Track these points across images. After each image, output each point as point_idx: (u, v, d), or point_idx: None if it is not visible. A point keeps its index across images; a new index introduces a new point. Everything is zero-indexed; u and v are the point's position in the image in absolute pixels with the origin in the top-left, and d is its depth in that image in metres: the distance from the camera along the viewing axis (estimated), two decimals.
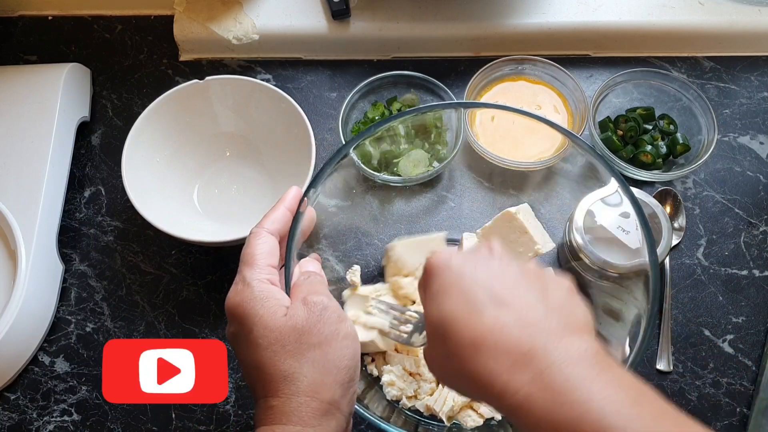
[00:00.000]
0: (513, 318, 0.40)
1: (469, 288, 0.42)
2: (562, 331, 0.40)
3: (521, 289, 0.43)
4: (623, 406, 0.36)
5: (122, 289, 0.72)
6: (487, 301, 0.41)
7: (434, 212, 0.73)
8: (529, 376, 0.38)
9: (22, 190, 0.70)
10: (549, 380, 0.38)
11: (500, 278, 0.43)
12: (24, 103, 0.74)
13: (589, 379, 0.37)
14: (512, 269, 0.44)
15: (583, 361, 0.38)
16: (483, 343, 0.40)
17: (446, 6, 0.82)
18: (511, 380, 0.38)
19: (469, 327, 0.41)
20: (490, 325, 0.40)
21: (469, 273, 0.43)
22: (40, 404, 0.66)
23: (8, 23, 0.87)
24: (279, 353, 0.44)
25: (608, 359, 0.40)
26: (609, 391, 0.37)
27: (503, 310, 0.41)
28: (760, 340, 0.69)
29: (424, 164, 0.73)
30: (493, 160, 0.71)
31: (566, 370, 0.38)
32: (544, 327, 0.40)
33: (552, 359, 0.38)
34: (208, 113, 0.75)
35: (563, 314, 0.42)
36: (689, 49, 0.84)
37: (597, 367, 0.38)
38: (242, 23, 0.82)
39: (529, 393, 0.38)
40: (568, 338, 0.40)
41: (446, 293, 0.43)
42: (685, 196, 0.75)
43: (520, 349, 0.39)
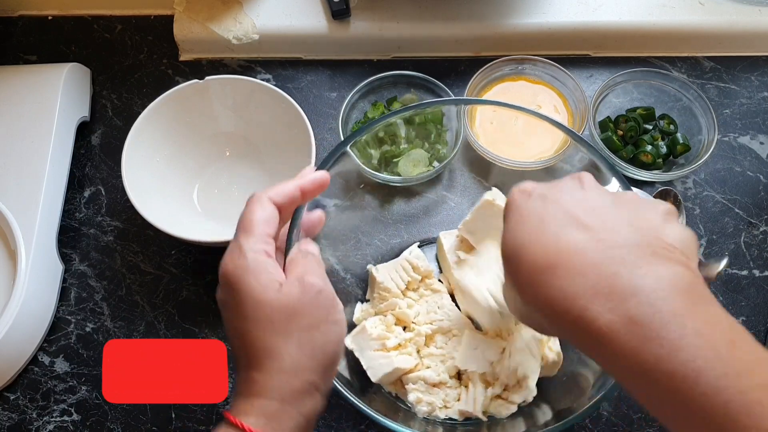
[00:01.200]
0: (595, 240, 0.37)
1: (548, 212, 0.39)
2: (652, 255, 0.36)
3: (608, 212, 0.39)
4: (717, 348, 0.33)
5: (122, 289, 0.72)
6: (566, 223, 0.38)
7: (434, 212, 0.73)
8: (611, 303, 0.34)
9: (22, 190, 0.70)
10: (634, 311, 0.34)
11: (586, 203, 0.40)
12: (24, 103, 0.74)
13: (681, 315, 0.34)
14: (602, 194, 0.41)
15: (675, 293, 0.34)
16: (559, 265, 0.36)
17: (446, 6, 0.82)
18: (590, 305, 0.35)
19: (545, 249, 0.37)
20: (568, 245, 0.37)
21: (552, 198, 0.40)
22: (39, 404, 0.66)
23: (8, 23, 0.87)
24: (267, 329, 0.43)
25: (703, 292, 0.36)
26: (702, 329, 0.33)
27: (583, 231, 0.37)
28: (760, 340, 0.69)
29: (424, 164, 0.73)
30: (493, 160, 0.71)
31: (655, 302, 0.34)
32: (631, 251, 0.36)
33: (639, 287, 0.35)
34: (208, 113, 0.75)
35: (656, 239, 0.37)
36: (689, 49, 0.84)
37: (690, 300, 0.35)
38: (242, 23, 0.82)
39: (610, 322, 0.34)
40: (660, 264, 0.36)
41: (525, 220, 0.40)
42: (685, 196, 0.75)
43: (600, 272, 0.35)
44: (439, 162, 0.73)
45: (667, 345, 0.33)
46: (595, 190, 0.41)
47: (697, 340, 0.33)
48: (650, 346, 0.33)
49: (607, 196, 0.41)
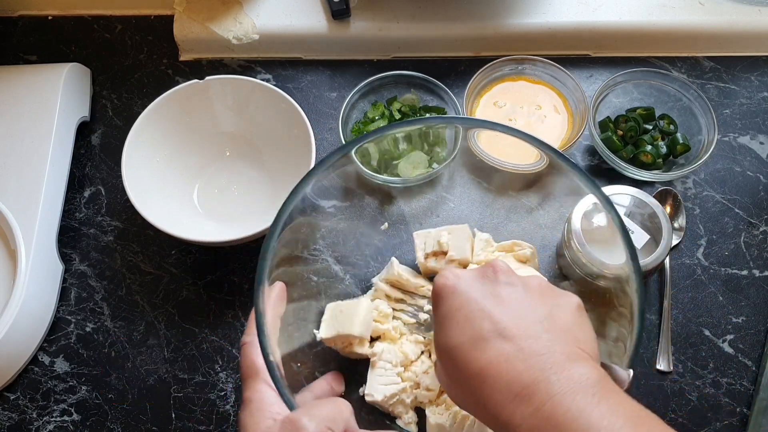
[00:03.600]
0: (516, 350, 0.42)
1: (475, 316, 0.44)
2: (565, 360, 0.41)
3: (526, 318, 0.44)
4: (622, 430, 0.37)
5: (122, 289, 0.72)
6: (491, 333, 0.43)
7: (434, 213, 0.72)
8: (531, 408, 0.39)
9: (22, 190, 0.70)
10: (550, 412, 0.39)
11: (505, 306, 0.44)
12: (24, 103, 0.74)
13: (588, 409, 0.38)
14: (517, 293, 0.45)
15: (583, 391, 0.39)
16: (488, 375, 0.41)
17: (446, 6, 0.82)
18: (515, 412, 0.40)
19: (475, 358, 0.42)
20: (495, 357, 0.42)
21: (475, 299, 0.45)
22: (39, 404, 0.66)
23: (8, 23, 0.87)
24: None
25: (609, 386, 0.41)
26: (609, 419, 0.38)
27: (507, 342, 0.42)
28: (760, 340, 0.69)
29: (423, 165, 0.73)
30: (492, 162, 0.70)
31: (567, 401, 0.39)
32: (547, 358, 0.41)
33: (553, 391, 0.39)
34: (208, 113, 0.75)
35: (568, 340, 0.43)
36: (689, 49, 0.84)
37: (597, 395, 0.39)
38: (242, 23, 0.82)
39: (532, 426, 0.39)
40: (570, 368, 0.41)
41: (453, 320, 0.45)
42: (685, 196, 0.75)
43: (522, 382, 0.40)
44: (438, 164, 0.73)
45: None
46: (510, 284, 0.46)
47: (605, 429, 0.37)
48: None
49: (520, 291, 0.45)
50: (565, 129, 0.77)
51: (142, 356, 0.69)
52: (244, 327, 0.69)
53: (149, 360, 0.68)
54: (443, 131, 0.75)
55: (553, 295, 0.46)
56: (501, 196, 0.72)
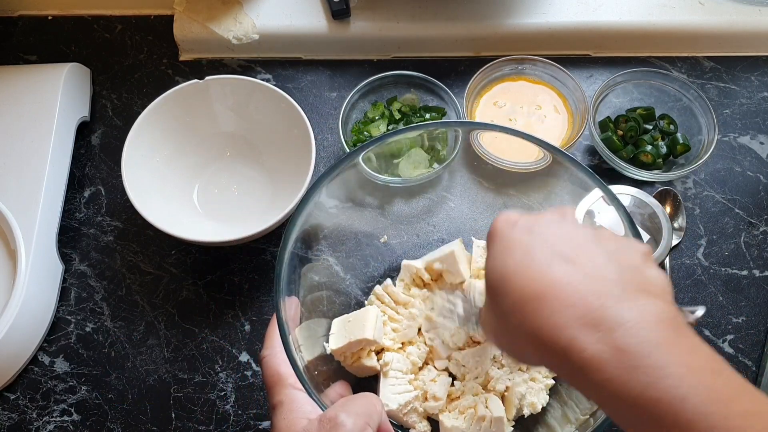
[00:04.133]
0: (581, 273, 0.38)
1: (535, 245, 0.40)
2: (636, 290, 0.38)
3: (591, 249, 0.40)
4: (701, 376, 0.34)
5: (122, 289, 0.72)
6: (553, 256, 0.39)
7: (434, 213, 0.73)
8: (598, 334, 0.35)
9: (22, 190, 0.70)
10: (621, 341, 0.35)
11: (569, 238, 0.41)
12: (24, 103, 0.74)
13: (665, 345, 0.35)
14: (584, 231, 0.42)
15: (659, 325, 0.36)
16: (547, 296, 0.37)
17: (446, 6, 0.82)
18: (577, 337, 0.36)
19: (533, 279, 0.38)
20: (556, 277, 0.38)
21: (538, 231, 0.41)
22: (39, 404, 0.66)
23: (8, 23, 0.87)
24: None
25: (686, 326, 0.37)
26: (686, 359, 0.35)
27: (570, 265, 0.39)
28: (760, 340, 0.69)
29: (424, 165, 0.73)
30: (494, 161, 0.70)
31: (641, 333, 0.35)
32: (616, 284, 0.37)
33: (625, 319, 0.36)
34: (208, 113, 0.75)
35: (638, 275, 0.39)
36: (689, 49, 0.84)
37: (673, 332, 0.36)
38: (242, 23, 0.82)
39: (598, 352, 0.35)
40: (644, 299, 0.37)
41: (510, 249, 0.40)
42: (685, 196, 0.75)
43: (589, 305, 0.36)
44: (439, 163, 0.73)
45: (652, 373, 0.34)
46: (578, 225, 0.43)
47: (680, 369, 0.34)
48: (636, 374, 0.34)
49: (589, 232, 0.42)
50: (565, 129, 0.77)
51: (142, 356, 0.69)
52: (244, 327, 0.69)
53: (149, 360, 0.68)
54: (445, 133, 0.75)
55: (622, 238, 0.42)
56: (502, 196, 0.72)
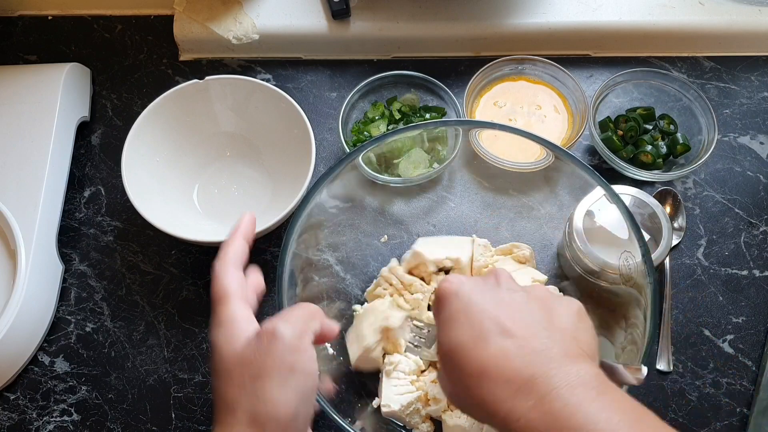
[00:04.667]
0: (516, 347, 0.42)
1: (476, 317, 0.44)
2: (563, 357, 0.42)
3: (526, 318, 0.44)
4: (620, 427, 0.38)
5: (122, 289, 0.72)
6: (492, 331, 0.43)
7: (434, 213, 0.73)
8: (530, 402, 0.40)
9: (22, 190, 0.70)
10: (549, 406, 0.39)
11: (507, 308, 0.45)
12: (24, 103, 0.74)
13: (587, 403, 0.39)
14: (518, 297, 0.46)
15: (582, 386, 0.40)
16: (488, 372, 0.42)
17: (446, 6, 0.82)
18: (514, 407, 0.40)
19: (476, 356, 0.43)
20: (495, 354, 0.42)
21: (477, 302, 0.45)
22: (39, 404, 0.66)
23: (8, 23, 0.87)
24: (226, 383, 0.45)
25: (607, 382, 0.41)
26: (606, 414, 0.38)
27: (507, 339, 0.43)
28: (760, 340, 0.69)
29: (424, 165, 0.73)
30: (493, 161, 0.71)
31: (565, 395, 0.39)
32: (546, 355, 0.42)
33: (552, 385, 0.40)
34: (208, 113, 0.75)
35: (566, 339, 0.44)
36: (689, 49, 0.84)
37: (595, 390, 0.40)
38: (242, 23, 0.82)
39: (531, 419, 0.39)
40: (569, 364, 0.41)
41: (455, 321, 0.45)
42: (685, 196, 0.75)
43: (522, 377, 0.41)
44: (439, 163, 0.73)
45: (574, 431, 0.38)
46: (512, 289, 0.47)
47: (600, 424, 0.38)
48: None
49: (522, 297, 0.46)
50: (565, 129, 0.77)
51: (142, 356, 0.69)
52: None
53: (149, 360, 0.68)
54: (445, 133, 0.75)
55: (554, 301, 0.47)
56: (502, 196, 0.72)
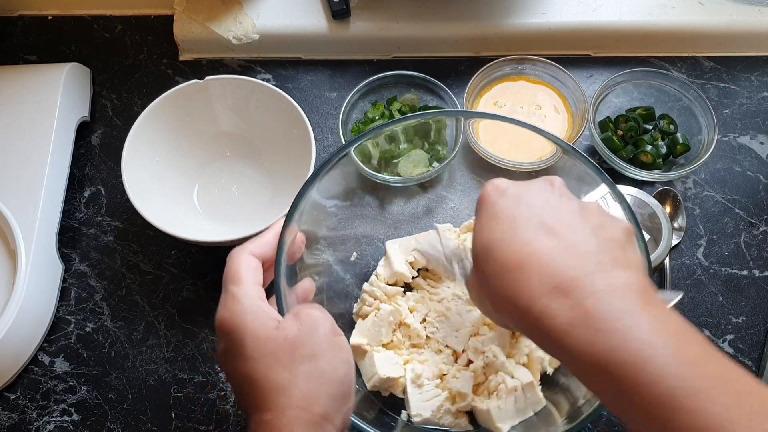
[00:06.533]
0: (561, 246, 0.40)
1: (521, 215, 0.41)
2: (612, 264, 0.39)
3: (576, 222, 0.42)
4: (666, 340, 0.35)
5: (122, 289, 0.72)
6: (537, 228, 0.41)
7: (434, 212, 0.72)
8: (571, 301, 0.37)
9: (22, 190, 0.70)
10: (591, 307, 0.37)
11: (555, 209, 0.42)
12: (24, 103, 0.74)
13: (633, 311, 0.36)
14: (570, 203, 0.43)
15: (628, 293, 0.37)
16: (526, 266, 0.39)
17: (446, 6, 0.82)
18: (551, 303, 0.38)
19: (515, 248, 0.40)
20: (537, 248, 0.40)
21: (526, 201, 0.42)
22: (39, 404, 0.66)
23: (8, 23, 0.87)
24: (272, 365, 0.43)
25: (655, 296, 0.38)
26: (653, 323, 0.36)
27: (552, 238, 0.40)
28: (760, 340, 0.69)
29: (424, 164, 0.73)
30: (494, 160, 0.71)
31: (610, 299, 0.37)
32: (593, 257, 0.39)
33: (597, 287, 0.37)
34: (208, 113, 0.75)
35: (616, 249, 0.40)
36: (689, 49, 0.84)
37: (642, 300, 0.37)
38: (242, 23, 0.82)
39: (570, 318, 0.37)
40: (618, 271, 0.39)
41: (498, 218, 0.42)
42: (685, 196, 0.75)
43: (564, 275, 0.38)
44: (438, 162, 0.73)
45: (619, 336, 0.35)
46: (565, 196, 0.44)
47: (647, 333, 0.35)
48: (604, 337, 0.36)
49: (575, 204, 0.43)
50: (565, 129, 0.77)
51: (142, 356, 0.69)
52: None
53: (149, 360, 0.68)
54: (444, 130, 0.75)
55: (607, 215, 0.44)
56: None
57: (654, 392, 0.34)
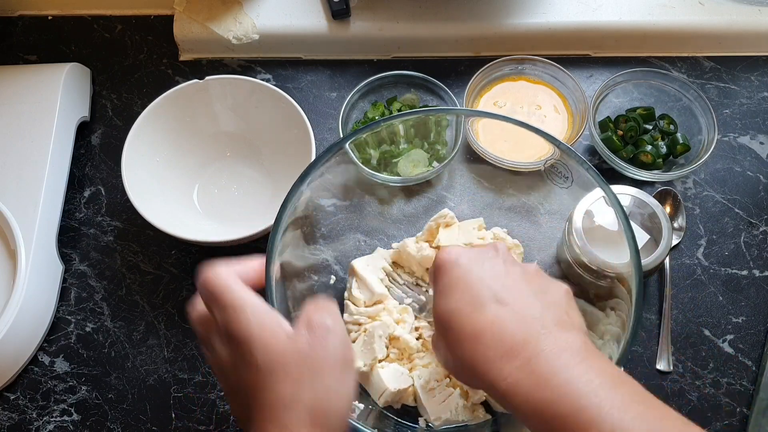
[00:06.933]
0: (511, 313, 0.45)
1: (474, 285, 0.46)
2: (555, 326, 0.44)
3: (522, 289, 0.47)
4: (600, 389, 0.40)
5: (122, 289, 0.72)
6: (489, 298, 0.45)
7: (434, 212, 0.72)
8: (518, 363, 0.42)
9: (22, 190, 0.70)
10: (535, 367, 0.42)
11: (503, 278, 0.47)
12: (24, 103, 0.74)
13: (571, 366, 0.41)
14: (515, 270, 0.48)
15: (568, 351, 0.42)
16: (482, 335, 0.44)
17: (446, 6, 0.82)
18: (503, 367, 0.42)
19: (471, 320, 0.45)
20: (490, 319, 0.44)
21: (476, 271, 0.47)
22: (39, 404, 0.66)
23: (8, 23, 0.87)
24: (281, 378, 0.41)
25: (593, 351, 0.43)
26: (588, 376, 0.41)
27: (503, 307, 0.45)
28: (760, 340, 0.69)
29: (423, 164, 0.73)
30: (493, 160, 0.71)
31: (551, 358, 0.42)
32: (538, 322, 0.44)
33: (540, 348, 0.42)
34: (208, 113, 0.75)
35: (558, 312, 0.46)
36: (689, 49, 0.84)
37: (580, 356, 0.42)
38: (242, 23, 0.82)
39: (517, 378, 0.42)
40: (559, 332, 0.44)
41: (453, 288, 0.46)
42: (685, 196, 0.75)
43: (514, 340, 0.43)
44: (438, 162, 0.73)
45: (557, 389, 0.40)
46: (509, 262, 0.49)
47: (581, 384, 0.40)
48: (545, 392, 0.41)
49: (518, 270, 0.48)
50: (565, 129, 0.77)
51: (142, 356, 0.69)
52: None
53: (149, 360, 0.68)
54: (443, 130, 0.75)
55: (546, 278, 0.50)
56: (501, 195, 0.72)
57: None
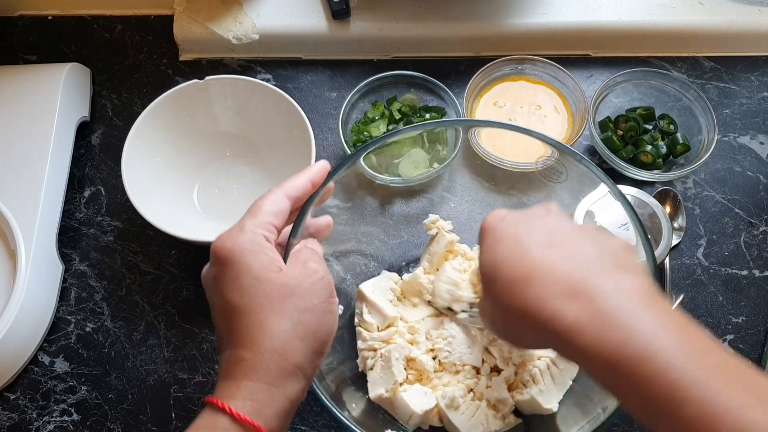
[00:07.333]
0: (564, 255, 0.41)
1: (521, 237, 0.43)
2: (615, 267, 0.41)
3: (575, 236, 0.43)
4: (671, 335, 0.37)
5: (122, 289, 0.72)
6: (539, 243, 0.42)
7: (435, 213, 0.72)
8: (578, 303, 0.39)
9: (22, 190, 0.70)
10: (598, 307, 0.38)
11: (554, 228, 0.44)
12: (24, 103, 0.74)
13: (639, 309, 0.38)
14: (568, 223, 0.45)
15: (633, 294, 0.39)
16: (533, 276, 0.41)
17: (446, 6, 0.82)
18: (560, 306, 0.39)
19: (520, 263, 0.42)
20: (541, 259, 0.41)
21: (524, 224, 0.44)
22: (39, 404, 0.66)
23: (8, 23, 0.87)
24: (264, 306, 0.44)
25: (659, 295, 0.40)
26: (659, 320, 0.38)
27: (554, 249, 0.42)
28: (760, 340, 0.69)
29: (424, 165, 0.73)
30: (494, 161, 0.71)
31: (616, 300, 0.38)
32: (596, 262, 0.41)
33: (602, 289, 0.39)
34: (208, 113, 0.75)
35: (617, 256, 0.42)
36: (689, 49, 0.84)
37: (647, 299, 0.39)
38: (242, 23, 0.82)
39: (578, 318, 0.38)
40: (621, 274, 0.40)
41: (500, 240, 0.44)
42: (685, 196, 0.75)
43: (570, 279, 0.40)
44: (439, 163, 0.73)
45: (627, 331, 0.37)
46: (561, 218, 0.46)
47: (653, 328, 0.37)
48: (612, 333, 0.37)
49: (571, 224, 0.46)
50: (565, 129, 0.77)
51: (142, 356, 0.69)
52: None
53: (149, 360, 0.68)
54: (444, 131, 0.75)
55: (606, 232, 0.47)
56: (502, 196, 0.72)
57: (661, 384, 0.36)
